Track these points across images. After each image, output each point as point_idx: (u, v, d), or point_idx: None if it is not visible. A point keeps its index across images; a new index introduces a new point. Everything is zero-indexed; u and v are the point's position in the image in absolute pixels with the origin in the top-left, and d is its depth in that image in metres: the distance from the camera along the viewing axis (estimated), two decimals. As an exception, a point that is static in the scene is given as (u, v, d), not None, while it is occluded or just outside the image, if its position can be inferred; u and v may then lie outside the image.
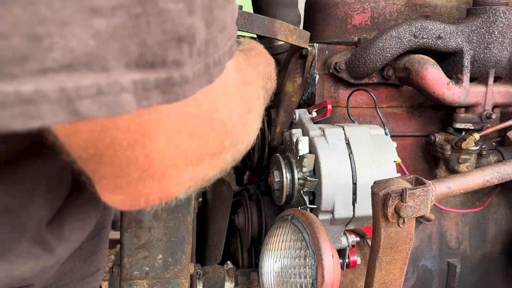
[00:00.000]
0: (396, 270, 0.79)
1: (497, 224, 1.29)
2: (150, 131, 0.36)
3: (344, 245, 1.01)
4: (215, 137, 0.42)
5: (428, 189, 0.73)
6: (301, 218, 0.84)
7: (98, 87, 0.29)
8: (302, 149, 0.97)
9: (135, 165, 0.38)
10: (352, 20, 1.20)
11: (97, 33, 0.28)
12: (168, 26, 0.31)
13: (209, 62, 0.36)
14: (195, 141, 0.40)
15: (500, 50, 1.08)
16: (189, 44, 0.33)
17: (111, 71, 0.29)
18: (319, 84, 1.18)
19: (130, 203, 0.43)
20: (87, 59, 0.28)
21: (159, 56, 0.31)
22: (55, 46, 0.27)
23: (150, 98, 0.31)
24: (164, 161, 0.39)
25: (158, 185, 0.41)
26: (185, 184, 0.43)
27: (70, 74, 0.28)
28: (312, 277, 0.79)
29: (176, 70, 0.33)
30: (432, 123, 1.26)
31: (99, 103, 0.29)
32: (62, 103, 0.28)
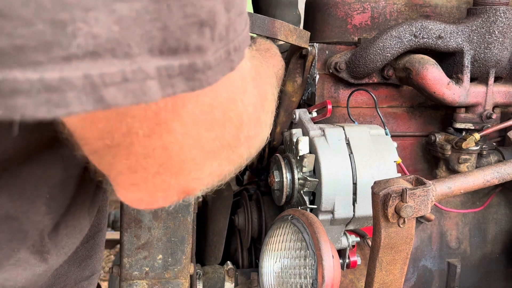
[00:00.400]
0: (396, 270, 0.79)
1: (497, 224, 1.29)
2: (167, 121, 0.35)
3: (344, 245, 1.01)
4: (231, 129, 0.41)
5: (428, 189, 0.73)
6: (301, 218, 0.84)
7: (123, 74, 0.28)
8: (302, 149, 0.96)
9: (152, 158, 0.37)
10: (352, 20, 1.19)
11: (120, 18, 0.27)
12: (189, 9, 0.31)
13: (230, 48, 0.35)
14: (213, 133, 0.39)
15: (500, 50, 1.08)
16: (210, 28, 0.32)
17: (135, 58, 0.29)
18: (319, 84, 1.18)
19: (148, 200, 0.41)
20: (111, 45, 0.27)
21: (181, 41, 0.31)
22: (79, 32, 0.26)
23: (175, 85, 0.31)
24: (182, 154, 0.38)
25: (176, 180, 0.40)
26: (203, 179, 0.42)
27: (95, 61, 0.27)
28: (312, 277, 0.79)
29: (199, 56, 0.32)
30: (432, 123, 1.26)
31: (124, 91, 0.28)
32: (87, 90, 0.27)
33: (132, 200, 0.42)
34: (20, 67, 0.25)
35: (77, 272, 0.61)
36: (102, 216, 0.65)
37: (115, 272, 0.97)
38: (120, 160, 0.37)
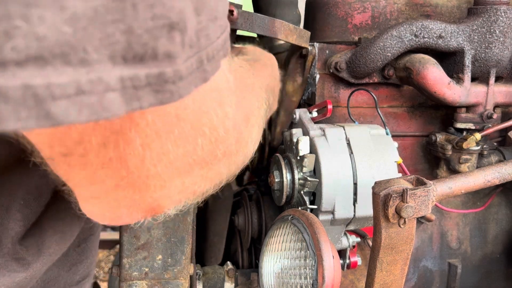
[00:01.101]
0: (396, 270, 0.79)
1: (498, 225, 1.29)
2: (124, 130, 0.31)
3: (344, 245, 1.01)
4: (205, 144, 0.37)
5: (429, 189, 0.73)
6: (301, 218, 0.84)
7: (78, 85, 0.24)
8: (303, 149, 0.96)
9: (110, 169, 0.33)
10: (353, 19, 1.19)
11: (73, 17, 0.23)
12: (158, 10, 0.27)
13: (202, 56, 0.31)
14: (181, 148, 0.35)
15: (501, 49, 1.08)
16: (180, 32, 0.29)
17: (93, 65, 0.24)
18: (320, 83, 1.18)
19: (110, 215, 0.38)
20: (61, 50, 0.23)
21: (149, 46, 0.27)
22: (16, 32, 0.22)
23: (141, 98, 0.27)
24: (145, 168, 0.34)
25: (140, 196, 0.36)
26: (173, 197, 0.38)
27: (40, 68, 0.23)
28: (313, 278, 0.79)
29: (168, 64, 0.28)
30: (433, 123, 1.25)
31: (79, 105, 0.24)
32: (28, 104, 0.23)
33: (93, 215, 0.38)
34: None
35: (67, 276, 0.60)
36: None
37: (115, 272, 0.97)
38: (76, 170, 0.33)
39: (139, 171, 0.34)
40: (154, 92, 0.28)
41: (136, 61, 0.27)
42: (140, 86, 0.27)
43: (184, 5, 0.29)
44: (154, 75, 0.27)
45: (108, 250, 3.10)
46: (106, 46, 0.25)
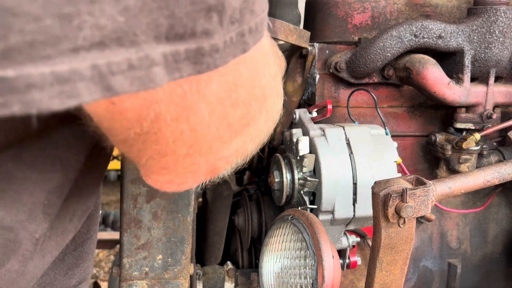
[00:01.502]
0: (396, 270, 0.79)
1: (498, 225, 1.29)
2: (193, 103, 0.36)
3: (344, 245, 1.01)
4: (256, 105, 0.41)
5: (428, 189, 0.73)
6: (301, 218, 0.84)
7: (129, 62, 0.29)
8: (302, 149, 0.96)
9: (181, 141, 0.37)
10: (353, 19, 1.19)
11: (125, 8, 0.28)
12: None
13: (244, 30, 0.35)
14: (239, 110, 0.40)
15: (501, 49, 1.08)
16: (218, 13, 0.32)
17: (141, 46, 0.29)
18: (319, 84, 1.18)
19: (178, 181, 0.42)
20: (116, 35, 0.28)
21: (188, 27, 0.31)
22: (85, 24, 0.27)
23: (181, 69, 0.31)
24: (210, 133, 0.38)
25: (205, 160, 0.40)
26: (229, 158, 0.43)
27: (101, 51, 0.28)
28: (312, 278, 0.79)
29: (205, 40, 0.32)
30: (432, 123, 1.25)
31: (131, 78, 0.29)
32: (95, 80, 0.28)
33: (162, 183, 0.42)
34: (32, 62, 0.26)
35: (63, 281, 0.60)
36: (92, 223, 0.63)
37: (115, 272, 0.97)
38: (150, 146, 0.38)
39: (205, 137, 0.38)
40: (193, 63, 0.32)
41: (177, 39, 0.31)
42: (180, 59, 0.31)
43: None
44: (192, 49, 0.32)
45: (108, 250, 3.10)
46: (152, 29, 0.29)
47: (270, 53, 0.44)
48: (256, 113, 0.42)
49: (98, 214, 0.64)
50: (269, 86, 0.43)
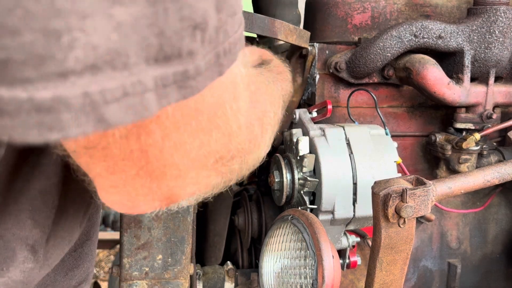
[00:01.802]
0: (396, 270, 0.79)
1: (497, 225, 1.29)
2: (145, 123, 0.33)
3: (344, 245, 1.01)
4: (219, 137, 0.38)
5: (428, 189, 0.73)
6: (301, 218, 0.84)
7: (124, 89, 0.25)
8: (302, 149, 0.96)
9: (130, 160, 0.34)
10: (353, 19, 1.19)
11: (118, 24, 0.25)
12: (186, 12, 0.28)
13: (219, 51, 0.33)
14: (197, 140, 0.36)
15: (500, 49, 1.08)
16: (201, 31, 0.30)
17: (133, 69, 0.26)
18: (319, 84, 1.18)
19: (129, 204, 0.39)
20: (110, 57, 0.25)
21: (176, 47, 0.28)
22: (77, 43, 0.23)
23: (168, 95, 0.28)
24: (163, 158, 0.35)
25: (158, 185, 0.37)
26: (187, 188, 0.39)
27: (94, 75, 0.24)
28: (312, 278, 0.79)
29: (190, 62, 0.29)
30: (432, 123, 1.25)
31: (125, 107, 0.26)
32: (87, 110, 0.24)
33: (113, 203, 0.39)
34: (6, 84, 0.22)
35: (63, 281, 0.59)
36: (92, 224, 0.63)
37: (115, 272, 0.97)
38: (97, 161, 0.35)
39: (157, 161, 0.35)
40: (179, 88, 0.29)
41: (165, 60, 0.28)
42: (168, 84, 0.28)
43: (207, 5, 0.30)
44: (180, 72, 0.29)
45: (108, 250, 3.10)
46: (143, 49, 0.26)
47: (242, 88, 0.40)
48: (220, 147, 0.39)
49: (98, 215, 0.64)
50: (237, 123, 0.40)
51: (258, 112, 0.46)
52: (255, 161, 0.49)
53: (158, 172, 0.36)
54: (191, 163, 0.38)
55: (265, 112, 0.50)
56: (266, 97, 0.52)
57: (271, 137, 0.53)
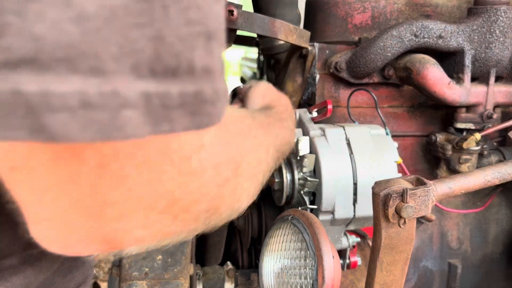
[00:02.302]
0: (397, 270, 0.78)
1: (498, 225, 1.29)
2: (78, 145, 0.27)
3: (344, 245, 1.01)
4: (173, 174, 0.31)
5: (429, 189, 0.73)
6: (301, 218, 0.84)
7: (84, 97, 0.20)
8: (302, 149, 0.96)
9: (61, 190, 0.28)
10: (353, 19, 1.19)
11: (81, 15, 0.20)
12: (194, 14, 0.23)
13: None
14: (145, 174, 0.30)
15: (501, 49, 1.08)
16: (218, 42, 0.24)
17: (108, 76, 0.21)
18: (320, 83, 1.18)
19: (60, 243, 0.32)
20: (65, 54, 0.20)
21: (183, 58, 0.23)
22: (7, 29, 0.19)
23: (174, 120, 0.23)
24: (100, 192, 0.29)
25: (95, 225, 0.30)
26: (134, 232, 0.33)
27: (36, 73, 0.20)
28: (313, 278, 0.79)
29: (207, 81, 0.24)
30: (433, 123, 1.25)
31: (83, 121, 0.21)
32: (19, 113, 0.20)
33: (42, 240, 0.32)
34: None
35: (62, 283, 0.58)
36: None
37: (115, 272, 0.97)
38: (24, 187, 0.28)
39: (93, 195, 0.29)
40: (191, 114, 0.24)
41: (168, 74, 0.23)
42: (172, 105, 0.23)
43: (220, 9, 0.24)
44: (191, 93, 0.23)
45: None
46: (128, 54, 0.21)
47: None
48: (176, 187, 0.32)
49: None
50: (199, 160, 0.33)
51: (234, 156, 0.40)
52: (230, 212, 0.42)
53: (96, 209, 0.30)
54: (137, 202, 0.31)
55: (244, 157, 0.43)
56: (248, 141, 0.46)
57: (255, 186, 0.46)
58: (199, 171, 0.33)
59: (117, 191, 0.29)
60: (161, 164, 0.30)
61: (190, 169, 0.32)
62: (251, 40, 1.56)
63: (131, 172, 0.29)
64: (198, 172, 0.33)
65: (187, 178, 0.32)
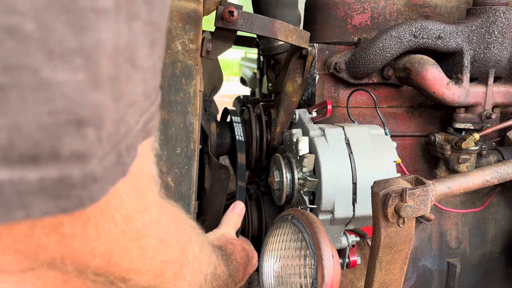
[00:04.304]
0: (396, 270, 0.79)
1: (497, 224, 1.29)
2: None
3: (344, 245, 1.01)
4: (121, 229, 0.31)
5: (428, 189, 0.73)
6: (301, 218, 0.84)
7: None
8: (302, 149, 0.97)
9: None
10: (352, 20, 1.20)
11: None
12: (59, 104, 0.23)
13: (122, 149, 0.27)
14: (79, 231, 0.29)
15: (500, 50, 1.08)
16: (96, 128, 0.25)
17: None
18: (319, 84, 1.18)
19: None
20: None
21: (45, 146, 0.23)
22: None
23: (30, 205, 0.23)
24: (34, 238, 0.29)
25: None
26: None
27: None
28: (312, 277, 0.79)
29: (77, 166, 0.24)
30: (432, 123, 1.26)
31: None
32: None
33: None
34: None
35: None
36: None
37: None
38: None
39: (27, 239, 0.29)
40: (54, 198, 0.24)
41: (25, 162, 0.22)
42: (28, 191, 0.23)
43: (101, 97, 0.25)
44: (53, 178, 0.23)
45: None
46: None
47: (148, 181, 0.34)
48: (113, 248, 0.32)
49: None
50: (143, 224, 0.33)
51: (179, 235, 0.40)
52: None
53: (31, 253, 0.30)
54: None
55: (190, 243, 0.43)
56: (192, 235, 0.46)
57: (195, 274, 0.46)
58: (142, 235, 0.33)
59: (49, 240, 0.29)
60: (105, 221, 0.30)
61: (133, 231, 0.32)
62: (251, 40, 1.57)
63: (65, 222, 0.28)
64: (141, 236, 0.32)
65: (129, 241, 0.32)
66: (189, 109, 0.89)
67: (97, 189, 0.25)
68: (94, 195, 0.25)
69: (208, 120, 1.28)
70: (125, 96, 0.28)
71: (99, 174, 0.25)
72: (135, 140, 0.29)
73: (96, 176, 0.25)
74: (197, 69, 0.89)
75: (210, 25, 1.02)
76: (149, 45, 0.29)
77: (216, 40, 0.95)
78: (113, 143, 0.26)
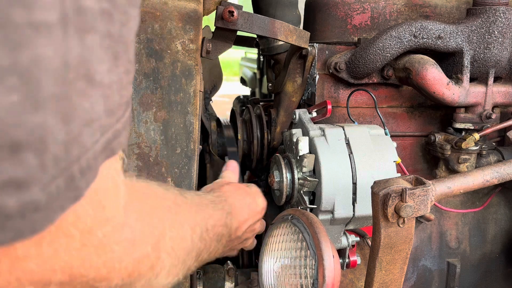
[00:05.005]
0: (396, 270, 0.79)
1: (497, 224, 1.29)
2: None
3: (344, 245, 1.01)
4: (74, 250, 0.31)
5: (428, 189, 0.73)
6: (301, 218, 0.84)
7: None
8: (302, 149, 0.97)
9: None
10: (352, 20, 1.20)
11: None
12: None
13: (74, 171, 0.26)
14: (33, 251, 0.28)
15: (500, 50, 1.08)
16: (36, 152, 0.23)
17: None
18: (319, 84, 1.18)
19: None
20: None
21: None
22: None
23: None
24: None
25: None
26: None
27: None
28: (313, 277, 0.79)
29: (13, 194, 0.22)
30: (432, 123, 1.26)
31: None
32: None
33: None
34: None
35: None
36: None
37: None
38: None
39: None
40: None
41: None
42: None
43: (43, 119, 0.23)
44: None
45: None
46: None
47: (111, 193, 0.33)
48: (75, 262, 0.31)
49: None
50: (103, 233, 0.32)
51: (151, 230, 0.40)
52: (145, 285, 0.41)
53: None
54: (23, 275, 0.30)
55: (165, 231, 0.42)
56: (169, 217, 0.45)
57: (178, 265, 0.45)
58: (105, 245, 0.32)
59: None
60: (60, 237, 0.29)
61: (94, 243, 0.31)
62: (251, 40, 1.57)
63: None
64: (105, 245, 0.32)
65: (91, 252, 0.31)
66: (189, 109, 0.89)
67: (40, 218, 0.23)
68: (37, 225, 0.23)
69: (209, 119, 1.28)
70: (78, 115, 0.25)
71: (42, 202, 0.23)
72: (92, 162, 0.27)
73: (39, 204, 0.23)
74: (197, 69, 0.89)
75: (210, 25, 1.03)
76: (111, 59, 0.27)
77: (216, 40, 0.95)
78: (61, 167, 0.24)
